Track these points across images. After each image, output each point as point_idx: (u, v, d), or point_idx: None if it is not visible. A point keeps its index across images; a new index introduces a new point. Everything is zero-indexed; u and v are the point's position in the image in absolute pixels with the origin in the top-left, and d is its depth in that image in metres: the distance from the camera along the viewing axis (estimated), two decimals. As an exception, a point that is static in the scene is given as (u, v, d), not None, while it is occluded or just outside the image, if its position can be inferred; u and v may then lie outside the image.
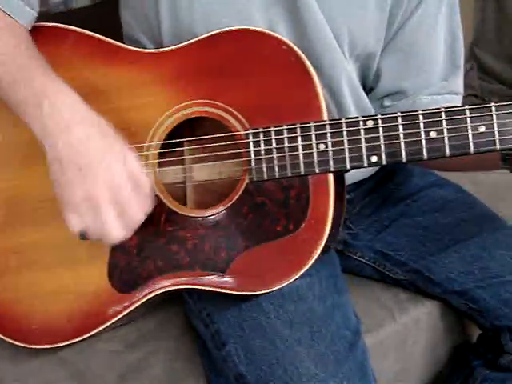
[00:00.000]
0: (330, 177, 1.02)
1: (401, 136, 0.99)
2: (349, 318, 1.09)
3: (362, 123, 1.00)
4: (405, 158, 0.99)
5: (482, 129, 0.97)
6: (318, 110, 1.02)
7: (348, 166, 1.00)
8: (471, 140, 0.97)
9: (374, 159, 1.00)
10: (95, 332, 1.10)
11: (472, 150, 0.98)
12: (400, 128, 0.99)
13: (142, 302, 1.08)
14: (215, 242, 1.05)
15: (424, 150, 0.99)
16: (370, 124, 1.00)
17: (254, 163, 1.03)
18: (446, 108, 0.98)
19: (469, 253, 1.21)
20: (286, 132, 1.01)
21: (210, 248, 1.05)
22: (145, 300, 1.08)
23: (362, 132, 1.00)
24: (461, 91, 1.23)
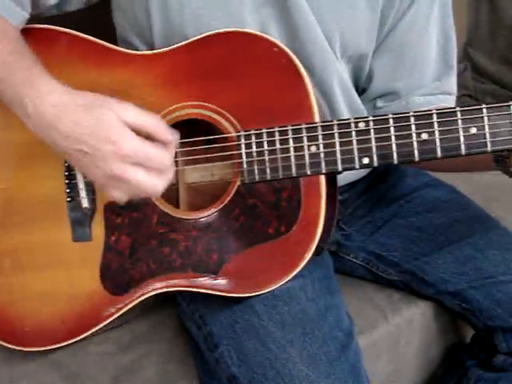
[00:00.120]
0: (322, 179, 1.02)
1: (392, 138, 0.99)
2: (341, 319, 1.09)
3: (353, 125, 1.00)
4: (396, 159, 0.99)
5: (474, 130, 0.97)
6: (309, 112, 1.02)
7: (339, 167, 1.00)
8: (462, 142, 0.97)
9: (366, 161, 1.00)
10: (88, 334, 1.11)
11: (463, 151, 0.98)
12: (391, 130, 0.99)
13: (135, 303, 1.08)
14: (207, 244, 1.05)
15: (415, 152, 0.99)
16: (361, 126, 1.00)
17: (245, 165, 1.03)
18: (437, 110, 0.98)
19: (462, 253, 1.22)
20: (277, 134, 1.01)
21: (202, 250, 1.05)
22: (137, 302, 1.08)
23: (354, 134, 1.00)
24: (454, 91, 1.23)
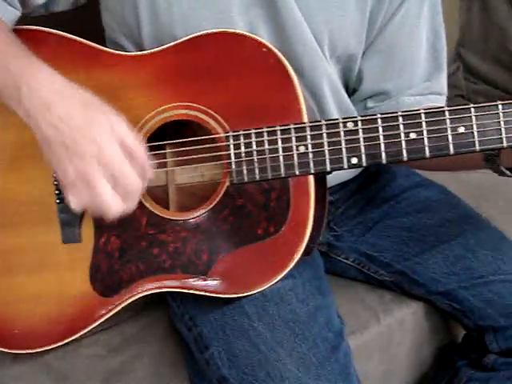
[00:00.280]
0: (311, 179, 1.02)
1: (381, 137, 0.99)
2: (332, 320, 1.09)
3: (341, 125, 1.00)
4: (385, 159, 0.99)
5: (462, 130, 0.97)
6: (298, 113, 1.02)
7: (328, 167, 1.00)
8: (451, 141, 0.97)
9: (354, 161, 1.00)
10: (78, 336, 1.10)
11: (452, 151, 0.98)
12: (380, 129, 0.99)
13: (125, 305, 1.08)
14: (196, 245, 1.05)
15: (404, 152, 0.99)
16: (349, 126, 1.00)
17: (234, 165, 1.02)
18: (425, 109, 0.98)
19: (453, 253, 1.22)
20: (266, 134, 1.01)
21: (192, 251, 1.05)
22: (127, 303, 1.08)
23: (342, 134, 1.00)
24: (445, 91, 1.23)
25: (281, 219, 1.02)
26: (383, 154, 0.99)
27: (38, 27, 1.11)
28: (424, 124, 0.98)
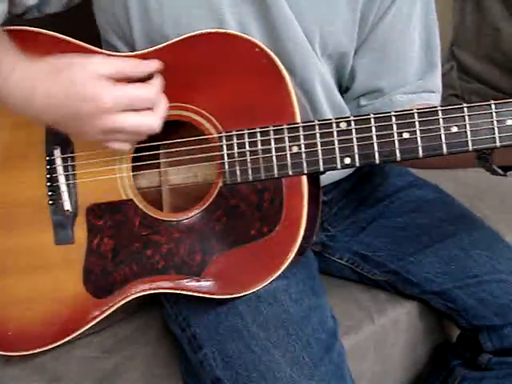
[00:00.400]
0: (304, 179, 1.01)
1: (374, 137, 0.99)
2: (325, 321, 1.09)
3: (335, 125, 0.99)
4: (378, 159, 0.99)
5: (455, 129, 0.97)
6: (291, 113, 1.01)
7: (321, 167, 1.00)
8: (444, 141, 0.97)
9: (348, 161, 1.00)
10: (71, 338, 1.10)
11: (445, 150, 0.97)
12: (373, 129, 0.99)
13: (118, 306, 1.08)
14: (190, 246, 1.04)
15: (397, 151, 0.98)
16: (342, 126, 0.99)
17: (227, 166, 1.02)
18: (418, 109, 0.98)
19: (446, 253, 1.21)
20: (259, 135, 1.01)
21: (185, 252, 1.05)
22: (121, 305, 1.07)
23: (335, 134, 0.99)
24: (438, 89, 1.22)
25: (274, 219, 1.02)
26: (376, 154, 0.99)
27: (29, 28, 1.10)
28: (417, 124, 0.98)
